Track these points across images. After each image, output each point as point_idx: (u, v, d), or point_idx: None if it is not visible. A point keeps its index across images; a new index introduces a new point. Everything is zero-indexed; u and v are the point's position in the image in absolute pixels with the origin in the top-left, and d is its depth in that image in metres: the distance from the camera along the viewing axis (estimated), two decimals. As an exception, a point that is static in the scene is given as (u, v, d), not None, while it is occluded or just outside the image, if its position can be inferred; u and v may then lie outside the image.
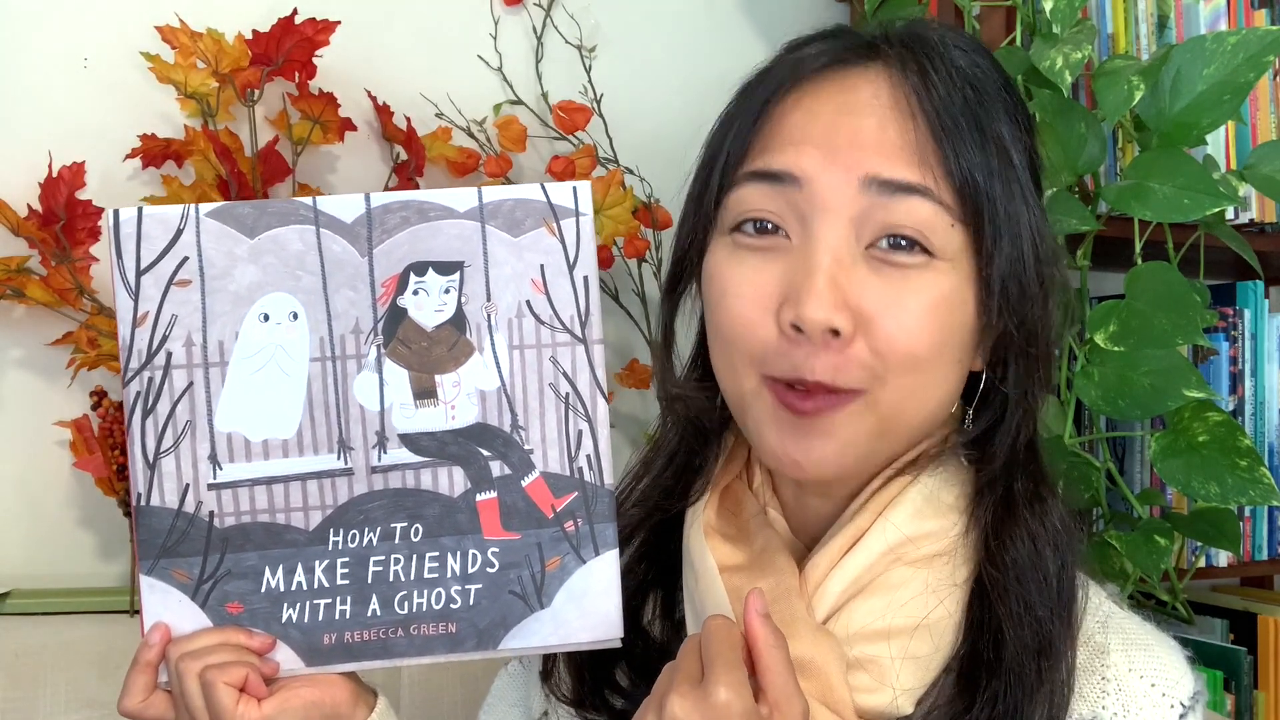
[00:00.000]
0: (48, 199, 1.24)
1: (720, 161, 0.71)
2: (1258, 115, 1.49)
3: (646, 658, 0.77)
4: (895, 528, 0.69)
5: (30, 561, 1.27)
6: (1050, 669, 0.68)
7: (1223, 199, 1.11)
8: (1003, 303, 0.68)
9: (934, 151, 0.66)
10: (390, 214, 0.73)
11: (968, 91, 0.68)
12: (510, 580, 0.74)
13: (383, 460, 0.74)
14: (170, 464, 0.73)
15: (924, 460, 0.72)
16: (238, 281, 0.73)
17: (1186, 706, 0.69)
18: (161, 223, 0.73)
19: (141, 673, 0.73)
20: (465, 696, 1.19)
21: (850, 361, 0.66)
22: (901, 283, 0.66)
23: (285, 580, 0.74)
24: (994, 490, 0.72)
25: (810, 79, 0.70)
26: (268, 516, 0.73)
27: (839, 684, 0.67)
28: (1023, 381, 0.71)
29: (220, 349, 0.73)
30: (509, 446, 0.74)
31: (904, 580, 0.69)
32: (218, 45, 1.27)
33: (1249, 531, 1.51)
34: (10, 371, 1.28)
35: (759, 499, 0.76)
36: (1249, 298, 1.53)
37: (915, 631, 0.69)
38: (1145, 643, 0.71)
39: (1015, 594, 0.69)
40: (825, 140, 0.67)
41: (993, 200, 0.66)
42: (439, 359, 0.74)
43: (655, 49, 1.53)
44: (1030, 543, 0.70)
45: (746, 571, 0.72)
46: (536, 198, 0.74)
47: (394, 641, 0.74)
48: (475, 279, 0.74)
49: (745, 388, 0.69)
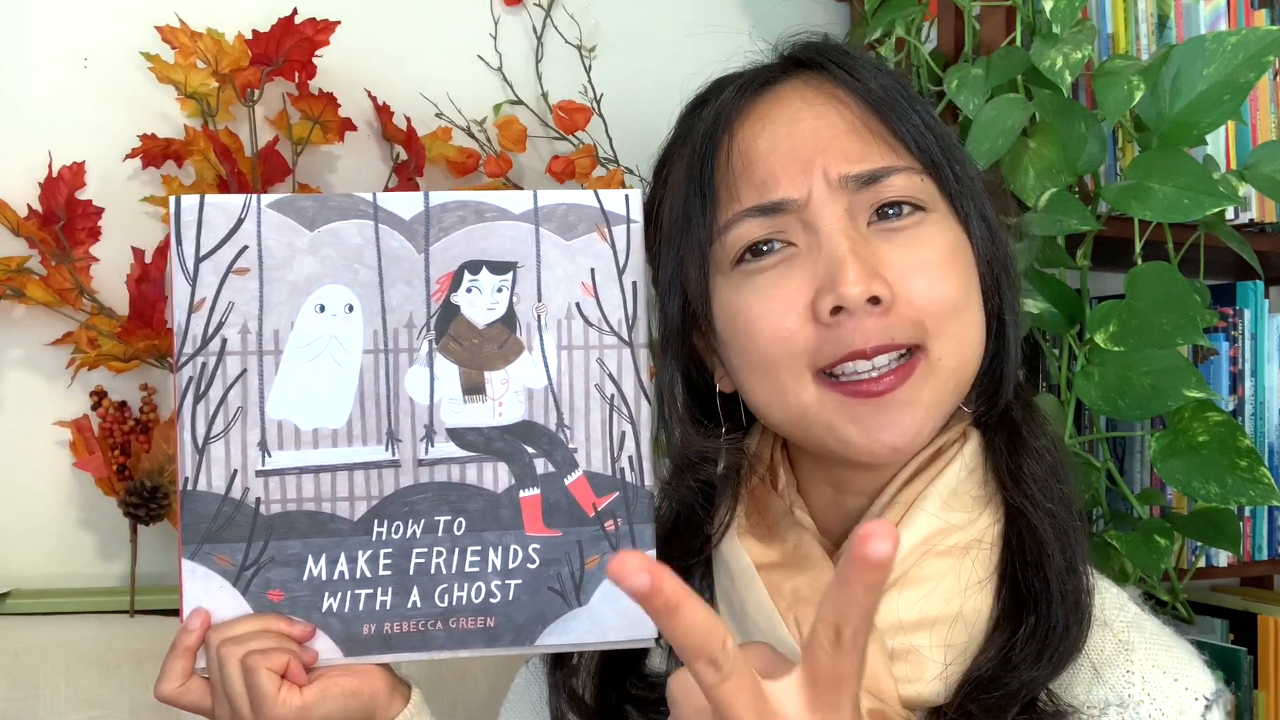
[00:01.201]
0: (48, 199, 1.24)
1: (698, 215, 0.72)
2: (1258, 115, 1.49)
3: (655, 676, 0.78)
4: (926, 520, 0.71)
5: (30, 561, 1.27)
6: (1076, 578, 0.71)
7: (1223, 199, 1.11)
8: (982, 234, 0.73)
9: (880, 125, 0.71)
10: (448, 213, 0.75)
11: (885, 76, 0.73)
12: (550, 577, 0.75)
13: (430, 454, 0.75)
14: (219, 449, 0.74)
15: (944, 455, 0.74)
16: (296, 272, 0.74)
17: (1210, 700, 0.71)
18: (223, 211, 0.74)
19: (180, 658, 0.73)
20: (491, 687, 1.19)
21: (899, 320, 0.68)
22: (913, 242, 0.70)
23: (328, 569, 0.74)
24: (1002, 425, 0.75)
25: (747, 107, 0.73)
26: (313, 505, 0.74)
27: (884, 674, 0.68)
28: (1011, 305, 0.75)
29: (275, 338, 0.74)
30: (554, 445, 0.75)
31: (937, 572, 0.71)
32: (218, 45, 1.27)
33: (1249, 531, 1.51)
34: (10, 371, 1.28)
35: (785, 500, 0.77)
36: (1249, 298, 1.53)
37: (952, 621, 0.70)
38: (1167, 643, 0.73)
39: (1044, 508, 0.72)
40: (795, 154, 0.71)
41: (940, 147, 0.72)
42: (489, 356, 0.75)
43: (655, 49, 1.53)
44: (1040, 457, 0.74)
45: (783, 568, 0.73)
46: (590, 203, 0.76)
47: (432, 634, 0.75)
48: (527, 279, 0.75)
49: (805, 400, 0.70)
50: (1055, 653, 0.69)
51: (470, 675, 1.21)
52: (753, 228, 0.71)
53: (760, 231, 0.71)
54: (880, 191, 0.70)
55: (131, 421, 1.26)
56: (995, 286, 0.74)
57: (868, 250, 0.68)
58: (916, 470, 0.73)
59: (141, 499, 1.22)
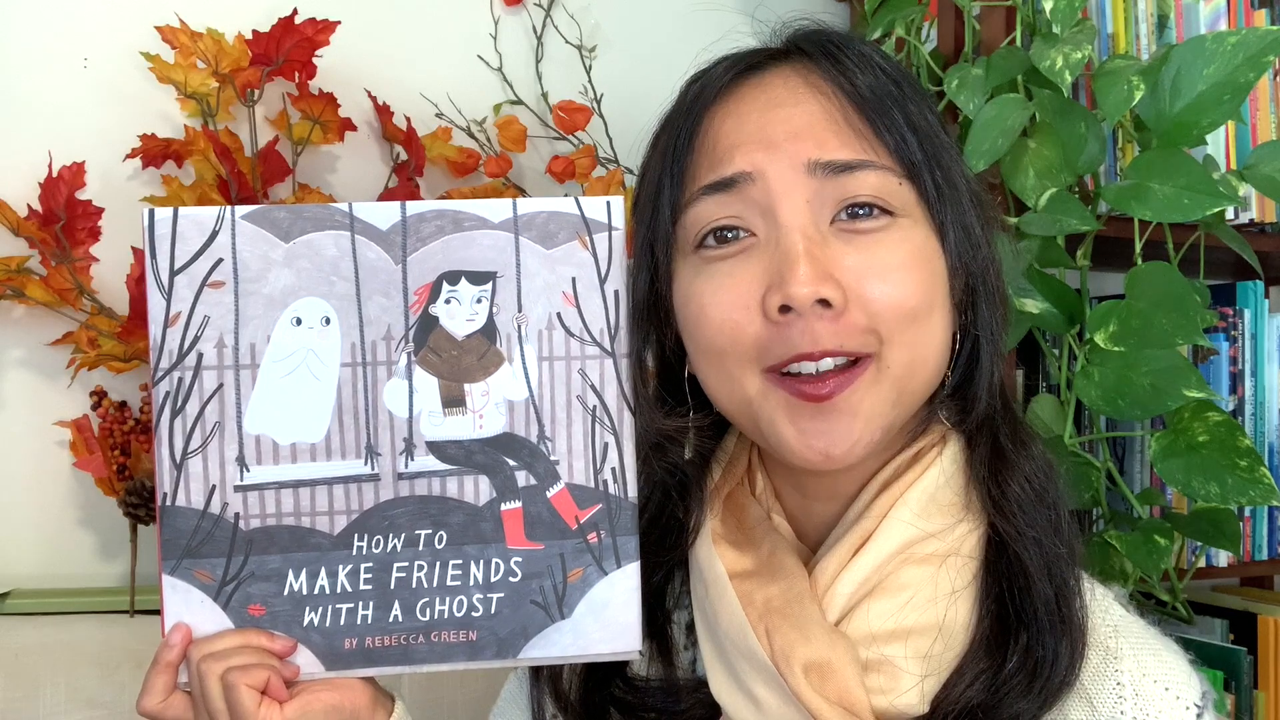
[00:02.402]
0: (48, 199, 1.24)
1: (666, 192, 0.72)
2: (1258, 115, 1.49)
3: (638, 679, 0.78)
4: (901, 528, 0.70)
5: (30, 561, 1.28)
6: (1068, 604, 0.70)
7: (1223, 199, 1.11)
8: (959, 245, 0.70)
9: (862, 122, 0.69)
10: (425, 222, 0.74)
11: (877, 72, 0.71)
12: (532, 590, 0.74)
13: (409, 467, 0.74)
14: (197, 465, 0.73)
15: (921, 461, 0.72)
16: (271, 285, 0.73)
17: (1200, 706, 0.70)
18: (197, 224, 0.73)
19: (161, 673, 0.73)
20: (466, 698, 1.19)
21: (850, 328, 0.66)
22: (874, 246, 0.68)
23: (308, 584, 0.74)
24: (983, 442, 0.73)
25: (727, 89, 0.72)
26: (293, 520, 0.74)
27: (855, 685, 0.67)
28: (988, 323, 0.72)
29: (252, 351, 0.73)
30: (535, 457, 0.75)
31: (913, 581, 0.70)
32: (218, 45, 1.27)
33: (1249, 531, 1.51)
34: (10, 371, 1.28)
35: (762, 505, 0.76)
36: (1249, 298, 1.53)
37: (927, 631, 0.69)
38: (1154, 648, 0.72)
39: (1029, 536, 0.70)
40: (761, 136, 0.69)
41: (926, 153, 0.69)
42: (468, 368, 0.74)
43: (655, 49, 1.53)
44: (1027, 482, 0.72)
45: (756, 577, 0.72)
46: (570, 211, 0.75)
47: (414, 648, 0.74)
48: (507, 289, 0.74)
49: (749, 392, 0.69)
50: (1046, 685, 0.68)
51: (461, 679, 1.20)
52: (709, 206, 0.70)
53: (718, 211, 0.69)
54: (849, 186, 0.68)
55: (131, 421, 1.26)
56: (969, 301, 0.72)
57: (824, 251, 0.67)
58: (893, 476, 0.72)
59: (141, 499, 1.22)
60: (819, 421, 0.67)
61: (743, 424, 0.72)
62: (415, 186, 1.35)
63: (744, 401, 0.70)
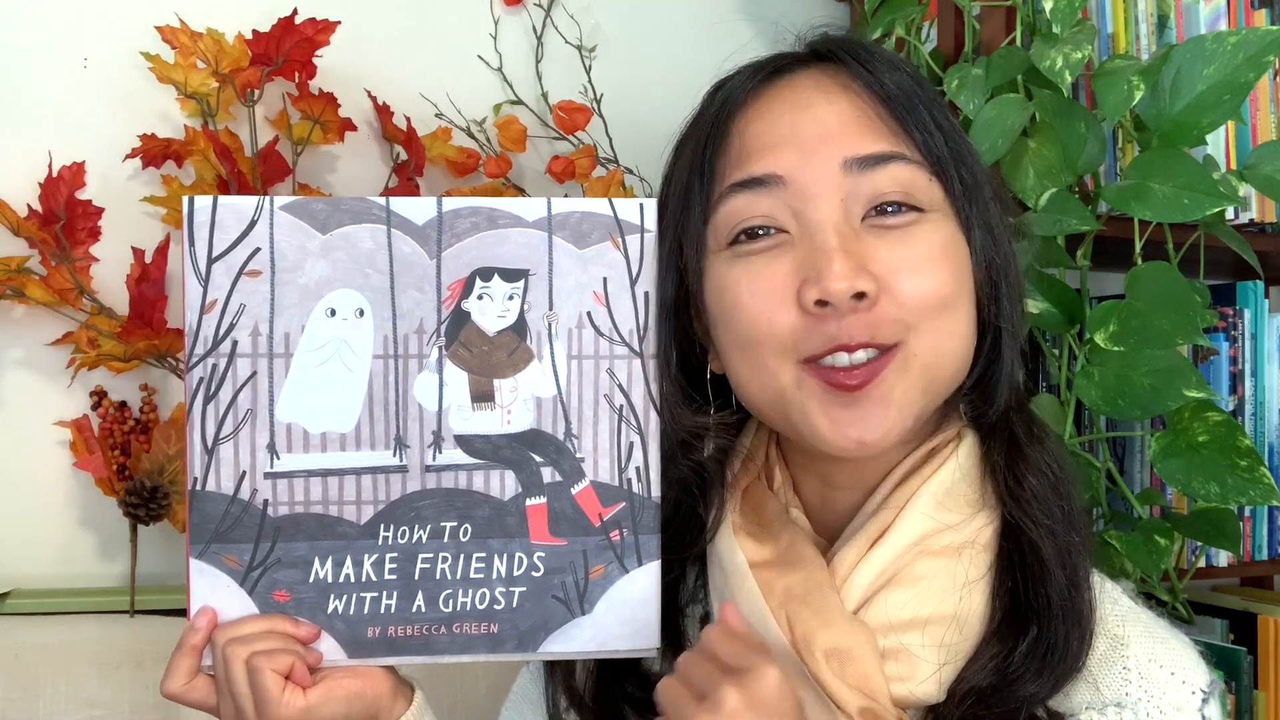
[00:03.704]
0: (48, 199, 1.24)
1: (696, 191, 0.73)
2: (1258, 115, 1.49)
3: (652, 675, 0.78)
4: (919, 520, 0.71)
5: (30, 561, 1.27)
6: (1079, 593, 0.71)
7: (1223, 199, 1.11)
8: (984, 240, 0.73)
9: (892, 119, 0.71)
10: (461, 219, 0.75)
11: (901, 74, 0.73)
12: (554, 585, 0.75)
13: (437, 460, 0.75)
14: (229, 450, 0.74)
15: (938, 455, 0.74)
16: (308, 275, 0.74)
17: (1206, 692, 0.71)
18: (235, 212, 0.74)
19: (186, 656, 0.74)
20: (492, 686, 1.20)
21: (882, 319, 0.68)
22: (905, 240, 0.70)
23: (334, 572, 0.75)
24: (999, 435, 0.75)
25: (755, 92, 0.74)
26: (321, 508, 0.75)
27: (875, 672, 0.69)
28: (1010, 317, 0.74)
29: (286, 340, 0.74)
30: (561, 454, 0.76)
31: (930, 571, 0.71)
32: (218, 45, 1.27)
33: (1249, 531, 1.51)
34: (10, 371, 1.28)
35: (780, 499, 0.77)
36: (1249, 298, 1.53)
37: (944, 621, 0.71)
38: (1162, 636, 0.74)
39: (1045, 527, 0.72)
40: (794, 136, 0.71)
41: (951, 151, 0.72)
42: (498, 364, 0.75)
43: (655, 49, 1.53)
44: (1041, 474, 0.74)
45: (776, 566, 0.73)
46: (604, 212, 0.76)
47: (436, 639, 0.75)
48: (539, 287, 0.75)
49: (783, 382, 0.71)
50: (1056, 669, 0.69)
51: (471, 674, 1.21)
52: (741, 203, 0.71)
53: (749, 209, 0.71)
54: (881, 182, 0.70)
55: (131, 421, 1.26)
56: (993, 294, 0.74)
57: (857, 246, 0.69)
58: (910, 470, 0.74)
59: (141, 499, 1.22)
60: (853, 410, 0.69)
61: (771, 416, 0.74)
62: (415, 186, 1.35)
63: (777, 392, 0.71)
